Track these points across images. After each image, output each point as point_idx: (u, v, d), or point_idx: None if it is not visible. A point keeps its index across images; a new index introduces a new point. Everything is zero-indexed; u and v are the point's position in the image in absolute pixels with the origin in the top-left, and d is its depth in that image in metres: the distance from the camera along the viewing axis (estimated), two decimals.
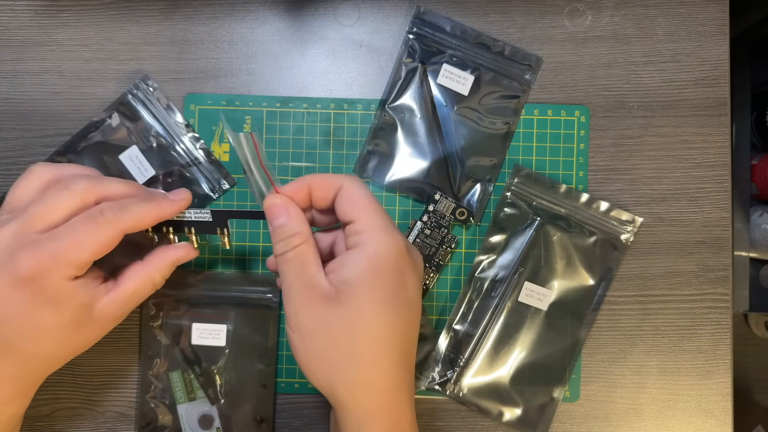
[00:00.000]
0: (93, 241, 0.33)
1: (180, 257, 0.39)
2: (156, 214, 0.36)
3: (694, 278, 0.48)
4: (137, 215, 0.35)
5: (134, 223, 0.35)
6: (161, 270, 0.38)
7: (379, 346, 0.33)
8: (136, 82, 0.47)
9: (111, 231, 0.34)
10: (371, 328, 0.33)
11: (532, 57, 0.48)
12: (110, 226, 0.34)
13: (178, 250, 0.39)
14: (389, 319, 0.33)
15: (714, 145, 0.48)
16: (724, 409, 0.48)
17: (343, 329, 0.32)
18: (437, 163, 0.47)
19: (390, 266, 0.33)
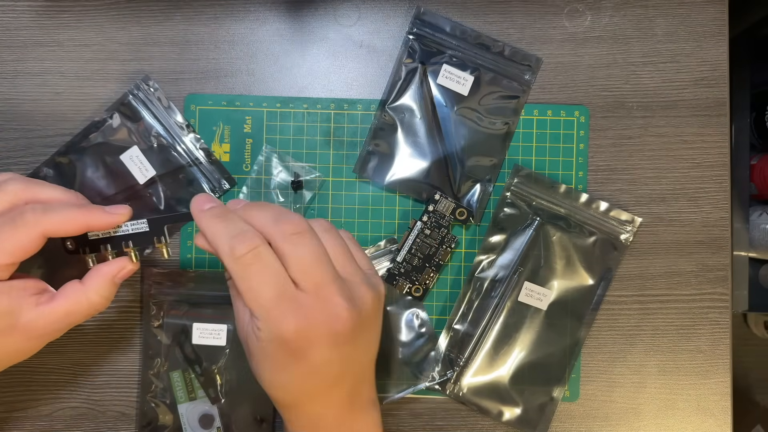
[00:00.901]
0: (10, 243, 0.33)
1: (115, 273, 0.37)
2: (82, 221, 0.35)
3: (694, 278, 0.48)
4: (60, 218, 0.34)
5: (56, 227, 0.34)
6: (97, 289, 0.36)
7: (285, 400, 0.36)
8: (136, 83, 0.47)
9: (29, 232, 0.34)
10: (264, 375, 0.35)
11: (531, 57, 0.48)
12: (28, 228, 0.34)
13: (111, 266, 0.37)
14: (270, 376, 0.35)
15: (713, 145, 0.48)
16: (723, 408, 0.48)
17: (254, 372, 0.36)
18: (437, 163, 0.47)
19: (276, 354, 0.33)
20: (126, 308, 0.47)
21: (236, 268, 0.32)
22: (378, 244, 0.47)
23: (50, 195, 0.36)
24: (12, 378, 0.47)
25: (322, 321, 0.33)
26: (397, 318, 0.47)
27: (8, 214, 0.34)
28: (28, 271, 0.40)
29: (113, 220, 0.36)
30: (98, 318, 0.47)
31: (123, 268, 0.37)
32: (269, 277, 0.32)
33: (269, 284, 0.32)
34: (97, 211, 0.36)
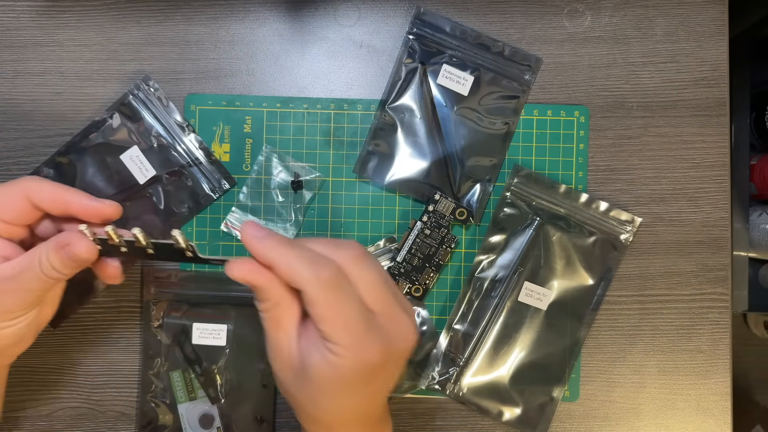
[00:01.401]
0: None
1: (62, 242, 0.34)
2: (63, 196, 0.35)
3: (694, 278, 0.48)
4: (43, 185, 0.35)
5: (38, 191, 0.35)
6: (46, 252, 0.34)
7: (322, 421, 0.34)
8: (137, 83, 0.47)
9: (12, 188, 0.35)
10: (318, 412, 0.34)
11: (531, 57, 0.48)
12: (14, 184, 0.35)
13: (62, 236, 0.35)
14: (329, 411, 0.34)
15: (713, 146, 0.48)
16: (723, 408, 0.48)
17: (302, 400, 0.34)
18: (437, 163, 0.47)
19: (353, 381, 0.32)
20: (126, 308, 0.47)
21: (322, 294, 0.31)
22: (378, 244, 0.47)
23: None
24: (12, 378, 0.47)
25: (397, 341, 0.33)
26: None
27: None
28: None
29: (93, 205, 0.35)
30: (98, 318, 0.47)
31: (68, 241, 0.34)
32: (353, 302, 0.32)
33: (355, 308, 0.31)
34: (80, 193, 0.35)
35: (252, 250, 0.32)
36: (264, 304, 0.33)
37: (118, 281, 0.38)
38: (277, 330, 0.33)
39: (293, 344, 0.33)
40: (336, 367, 0.31)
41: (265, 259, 0.32)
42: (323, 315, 0.31)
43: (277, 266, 0.31)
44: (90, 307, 0.47)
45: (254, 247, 0.32)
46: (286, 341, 0.33)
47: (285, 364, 0.33)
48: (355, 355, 0.31)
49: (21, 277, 0.34)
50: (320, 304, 0.31)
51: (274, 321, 0.33)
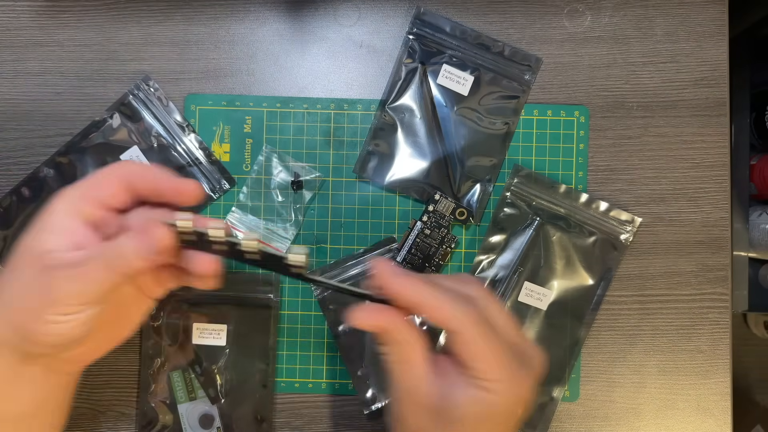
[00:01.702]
0: (93, 176, 0.33)
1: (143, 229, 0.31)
2: (152, 175, 0.33)
3: (694, 278, 0.48)
4: (135, 166, 0.33)
5: (130, 172, 0.33)
6: (121, 241, 0.31)
7: None
8: (137, 83, 0.47)
9: (108, 172, 0.33)
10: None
11: (531, 57, 0.48)
12: (109, 169, 0.33)
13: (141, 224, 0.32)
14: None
15: (713, 146, 0.48)
16: (723, 408, 0.48)
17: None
18: (437, 163, 0.47)
19: (504, 416, 0.32)
20: None
21: (476, 332, 0.31)
22: (378, 244, 0.47)
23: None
24: None
25: (538, 369, 0.33)
26: None
27: None
28: None
29: (177, 185, 0.33)
30: None
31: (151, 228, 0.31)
32: (501, 337, 0.32)
33: (504, 344, 0.31)
34: (168, 175, 0.33)
35: (393, 290, 0.31)
36: (393, 347, 0.32)
37: (212, 281, 0.34)
38: (408, 371, 0.32)
39: (428, 385, 0.32)
40: (490, 405, 0.31)
41: (410, 299, 0.31)
42: (477, 353, 0.31)
43: (426, 307, 0.31)
44: None
45: (398, 287, 0.31)
46: (420, 382, 0.32)
47: (419, 406, 0.32)
48: (510, 390, 0.31)
49: (86, 265, 0.30)
50: (474, 342, 0.31)
51: (404, 362, 0.32)
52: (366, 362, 0.47)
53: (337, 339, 0.47)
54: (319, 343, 0.48)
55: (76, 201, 0.32)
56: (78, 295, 0.30)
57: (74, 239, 0.31)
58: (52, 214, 0.32)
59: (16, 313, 0.31)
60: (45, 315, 0.30)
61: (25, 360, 0.32)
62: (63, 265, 0.30)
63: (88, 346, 0.34)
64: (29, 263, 0.31)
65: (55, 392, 0.35)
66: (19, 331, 0.31)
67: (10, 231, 0.47)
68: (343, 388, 0.48)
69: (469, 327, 0.31)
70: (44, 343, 0.31)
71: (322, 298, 0.47)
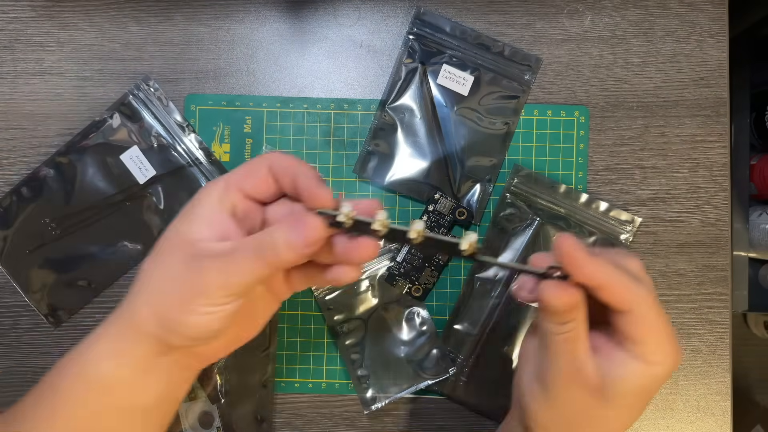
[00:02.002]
0: (244, 164, 0.33)
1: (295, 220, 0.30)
2: (295, 169, 0.32)
3: (694, 278, 0.48)
4: (282, 158, 0.32)
5: (277, 162, 0.32)
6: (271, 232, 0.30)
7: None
8: (137, 83, 0.47)
9: (257, 161, 0.32)
10: (614, 429, 0.33)
11: (531, 57, 0.48)
12: (258, 159, 0.33)
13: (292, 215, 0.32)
14: (627, 425, 0.34)
15: (713, 146, 0.48)
16: (723, 408, 0.48)
17: (589, 418, 0.33)
18: (437, 163, 0.47)
19: (660, 384, 0.33)
20: None
21: (653, 309, 0.32)
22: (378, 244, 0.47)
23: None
24: (12, 378, 0.47)
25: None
26: (398, 316, 0.47)
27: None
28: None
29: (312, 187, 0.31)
30: (98, 318, 0.47)
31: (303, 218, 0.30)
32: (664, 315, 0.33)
33: (668, 318, 0.33)
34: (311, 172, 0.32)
35: (580, 266, 0.31)
36: (568, 325, 0.32)
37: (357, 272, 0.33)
38: (576, 348, 0.32)
39: (591, 362, 0.32)
40: (653, 378, 0.32)
41: (596, 280, 0.31)
42: (651, 331, 0.31)
43: (609, 287, 0.31)
44: (90, 307, 0.47)
45: (584, 264, 0.31)
46: (585, 359, 0.32)
47: (581, 383, 0.32)
48: (670, 362, 0.32)
49: (236, 255, 0.30)
50: (648, 320, 0.31)
51: (574, 341, 0.32)
52: (366, 362, 0.47)
53: (337, 339, 0.47)
54: (320, 343, 0.48)
55: (225, 191, 0.32)
56: (225, 287, 0.30)
57: (221, 230, 0.31)
58: (200, 204, 0.32)
59: (162, 302, 0.31)
60: (191, 306, 0.30)
61: (161, 352, 0.32)
62: (212, 255, 0.30)
63: (219, 342, 0.34)
64: (178, 250, 0.31)
65: (177, 387, 0.35)
66: (164, 321, 0.31)
67: (10, 231, 0.47)
68: (343, 388, 0.48)
69: (644, 307, 0.31)
70: (186, 335, 0.31)
71: (322, 298, 0.47)
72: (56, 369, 0.33)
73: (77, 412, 0.32)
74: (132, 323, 0.32)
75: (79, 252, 0.47)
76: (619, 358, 0.32)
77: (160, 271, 0.31)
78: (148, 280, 0.32)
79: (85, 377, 0.32)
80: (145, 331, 0.31)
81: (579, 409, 0.33)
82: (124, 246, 0.47)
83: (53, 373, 0.33)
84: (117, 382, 0.32)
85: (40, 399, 0.33)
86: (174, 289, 0.30)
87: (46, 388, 0.33)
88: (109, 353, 0.32)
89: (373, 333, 0.47)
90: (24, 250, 0.47)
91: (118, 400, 0.32)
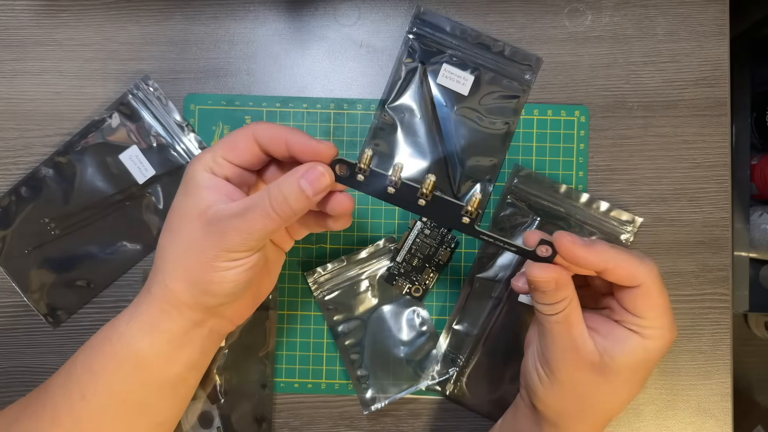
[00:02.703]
0: (227, 137, 0.35)
1: (302, 173, 0.32)
2: (284, 134, 0.34)
3: (694, 278, 0.48)
4: (268, 126, 0.34)
5: (263, 131, 0.34)
6: (281, 185, 0.32)
7: (611, 414, 0.36)
8: (136, 82, 0.47)
9: (243, 132, 0.35)
10: (616, 403, 0.36)
11: (532, 57, 0.48)
12: (243, 129, 0.35)
13: (301, 168, 0.33)
14: (629, 398, 0.36)
15: (714, 146, 0.48)
16: (723, 409, 0.48)
17: (593, 394, 0.35)
18: (437, 163, 0.47)
19: (657, 359, 0.35)
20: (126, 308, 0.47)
21: (657, 283, 0.34)
22: (377, 244, 0.47)
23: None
24: (11, 378, 0.47)
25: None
26: (397, 316, 0.47)
27: None
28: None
29: (310, 144, 0.33)
30: (97, 318, 0.47)
31: (310, 168, 0.32)
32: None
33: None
34: (300, 132, 0.34)
35: (581, 255, 0.33)
36: (559, 304, 0.34)
37: (347, 220, 0.37)
38: (570, 329, 0.35)
39: (589, 340, 0.34)
40: (650, 351, 0.34)
41: (597, 262, 0.33)
42: (655, 303, 0.34)
43: (614, 266, 0.33)
44: (89, 307, 0.47)
45: (584, 253, 0.33)
46: (582, 338, 0.35)
47: (582, 362, 0.34)
48: (668, 336, 0.34)
49: (249, 214, 0.32)
50: (655, 292, 0.34)
51: (567, 321, 0.34)
52: (366, 362, 0.47)
53: (337, 339, 0.47)
54: (319, 343, 0.48)
55: (213, 161, 0.34)
56: (245, 241, 0.32)
57: (225, 192, 0.34)
58: (195, 176, 0.34)
59: (191, 268, 0.33)
60: (217, 263, 0.32)
61: (197, 323, 0.35)
62: (228, 215, 0.32)
63: (246, 299, 0.37)
64: (193, 221, 0.33)
65: (206, 356, 0.37)
66: (197, 284, 0.33)
67: (9, 231, 0.47)
68: (343, 388, 0.48)
69: (650, 279, 0.33)
70: (218, 293, 0.33)
71: (322, 299, 0.47)
72: (84, 351, 0.35)
73: (114, 387, 0.34)
74: (167, 299, 0.34)
75: (79, 252, 0.47)
76: (618, 334, 0.34)
77: (181, 245, 0.33)
78: (172, 257, 0.34)
79: (121, 355, 0.34)
80: (183, 304, 0.34)
81: (582, 387, 0.35)
82: (123, 246, 0.47)
83: (83, 354, 0.35)
84: (154, 357, 0.34)
85: (69, 379, 0.35)
86: (199, 254, 0.33)
87: (77, 368, 0.35)
88: (146, 331, 0.34)
89: (373, 333, 0.47)
90: (23, 250, 0.47)
91: (153, 374, 0.35)
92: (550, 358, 0.35)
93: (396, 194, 0.34)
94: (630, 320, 0.34)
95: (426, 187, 0.34)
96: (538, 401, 0.37)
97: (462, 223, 0.35)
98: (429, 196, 0.34)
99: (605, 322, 0.35)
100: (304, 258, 0.48)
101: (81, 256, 0.47)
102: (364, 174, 0.34)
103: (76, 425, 0.34)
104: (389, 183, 0.34)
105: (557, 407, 0.36)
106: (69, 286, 0.47)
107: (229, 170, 0.34)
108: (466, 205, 0.34)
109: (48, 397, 0.35)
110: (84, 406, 0.34)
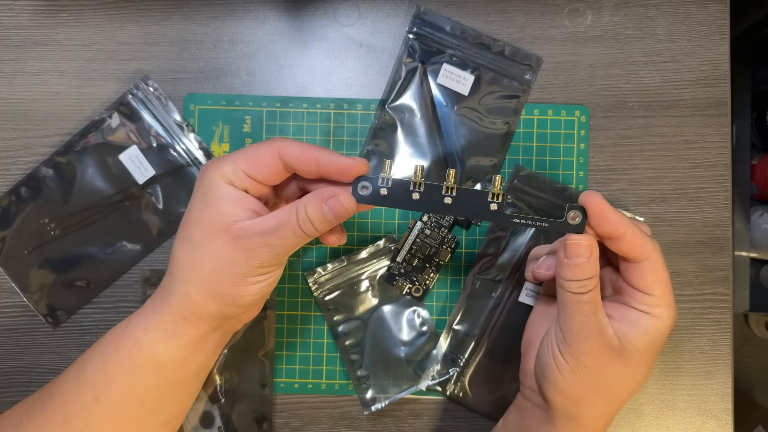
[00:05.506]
0: (250, 152, 0.35)
1: (325, 196, 0.34)
2: (312, 152, 0.34)
3: (695, 278, 0.48)
4: (295, 144, 0.34)
5: (289, 149, 0.34)
6: (306, 206, 0.33)
7: (626, 398, 0.37)
8: (136, 82, 0.47)
9: (267, 147, 0.35)
10: (632, 386, 0.36)
11: (532, 57, 0.48)
12: (268, 144, 0.35)
13: (324, 190, 0.34)
14: (643, 382, 0.36)
15: (714, 145, 0.48)
16: (724, 409, 0.48)
17: (613, 379, 0.35)
18: (437, 163, 0.47)
19: (665, 337, 0.36)
20: (125, 308, 0.47)
21: (661, 259, 0.35)
22: (378, 244, 0.47)
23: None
24: (12, 378, 0.47)
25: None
26: (398, 316, 0.47)
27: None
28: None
29: (343, 162, 0.34)
30: (97, 318, 0.47)
31: (333, 194, 0.34)
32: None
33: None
34: (329, 151, 0.34)
35: (606, 217, 0.33)
36: (590, 281, 0.34)
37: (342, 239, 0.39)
38: (597, 311, 0.35)
39: (610, 326, 0.35)
40: (659, 331, 0.35)
41: (618, 222, 0.33)
42: (659, 279, 0.34)
43: (631, 231, 0.33)
44: (89, 307, 0.47)
45: (610, 215, 0.33)
46: (606, 323, 0.35)
47: (606, 346, 0.35)
48: (672, 315, 0.35)
49: (278, 232, 0.33)
50: (660, 268, 0.34)
51: (594, 302, 0.35)
52: (366, 362, 0.47)
53: (338, 339, 0.47)
54: (320, 343, 0.48)
55: (234, 174, 0.34)
56: (275, 258, 0.34)
57: (248, 206, 0.34)
58: (214, 186, 0.34)
59: (221, 283, 0.34)
60: (247, 279, 0.34)
61: (215, 328, 0.36)
62: (258, 233, 0.33)
63: (258, 304, 0.38)
64: (218, 235, 0.33)
65: (215, 356, 0.38)
66: (224, 296, 0.34)
67: (8, 231, 0.47)
68: (343, 388, 0.48)
69: (655, 255, 0.34)
70: (245, 303, 0.35)
71: (322, 299, 0.47)
72: (94, 355, 0.36)
73: (129, 388, 0.35)
74: (190, 309, 0.34)
75: (78, 252, 0.47)
76: (631, 317, 0.35)
77: (208, 260, 0.34)
78: (198, 271, 0.34)
79: (138, 359, 0.35)
80: (207, 314, 0.35)
81: (605, 372, 0.35)
82: (123, 246, 0.47)
83: (93, 357, 0.36)
84: (170, 361, 0.35)
85: (80, 380, 0.35)
86: (229, 269, 0.34)
87: (87, 371, 0.35)
88: (165, 337, 0.35)
89: (373, 333, 0.47)
90: (23, 250, 0.47)
91: (169, 376, 0.35)
92: (574, 344, 0.35)
93: (421, 200, 0.34)
94: (640, 300, 0.35)
95: (449, 182, 0.34)
96: (557, 393, 0.36)
97: (490, 210, 0.34)
98: (454, 190, 0.34)
99: (617, 306, 0.36)
100: (304, 258, 0.48)
101: (81, 257, 0.47)
102: (386, 186, 0.34)
103: (88, 425, 0.34)
104: (413, 188, 0.34)
105: (578, 395, 0.36)
106: (69, 287, 0.47)
107: (249, 183, 0.34)
108: (491, 189, 0.34)
109: (57, 398, 0.35)
110: (96, 406, 0.34)
